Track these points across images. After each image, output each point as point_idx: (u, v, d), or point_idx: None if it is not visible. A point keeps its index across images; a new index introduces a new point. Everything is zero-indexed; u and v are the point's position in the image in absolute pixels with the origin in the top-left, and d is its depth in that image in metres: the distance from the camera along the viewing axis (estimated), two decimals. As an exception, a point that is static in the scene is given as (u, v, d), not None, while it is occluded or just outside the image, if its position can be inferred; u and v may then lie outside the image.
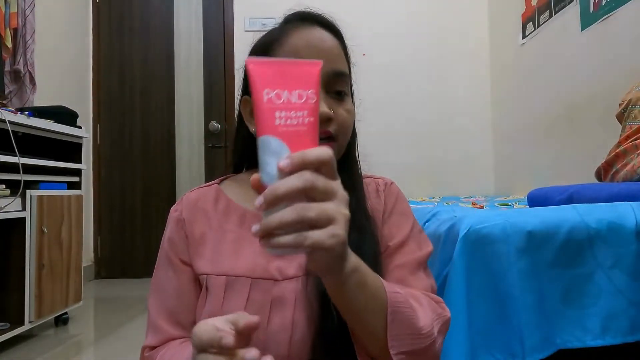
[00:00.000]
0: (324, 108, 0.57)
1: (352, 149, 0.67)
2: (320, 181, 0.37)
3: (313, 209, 0.37)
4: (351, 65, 0.66)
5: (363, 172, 0.68)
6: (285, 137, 0.38)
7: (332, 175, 0.39)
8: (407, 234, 0.64)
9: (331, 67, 0.59)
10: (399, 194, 0.69)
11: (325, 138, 0.58)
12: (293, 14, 0.64)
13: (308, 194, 0.37)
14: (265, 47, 0.63)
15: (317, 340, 0.56)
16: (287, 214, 0.36)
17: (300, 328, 0.58)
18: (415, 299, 0.55)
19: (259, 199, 0.37)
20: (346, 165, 0.65)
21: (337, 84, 0.61)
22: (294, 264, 0.60)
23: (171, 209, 0.68)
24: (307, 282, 0.59)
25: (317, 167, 0.38)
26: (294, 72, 0.40)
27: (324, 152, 0.38)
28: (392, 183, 0.70)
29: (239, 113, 0.68)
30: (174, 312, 0.63)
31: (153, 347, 0.63)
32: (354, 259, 0.46)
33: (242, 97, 0.67)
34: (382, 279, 0.52)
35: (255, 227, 0.38)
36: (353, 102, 0.66)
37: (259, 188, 0.38)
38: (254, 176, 0.39)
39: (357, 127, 0.68)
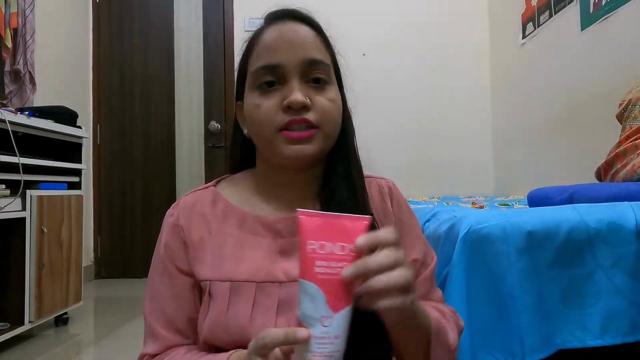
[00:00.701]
0: (299, 96, 0.57)
1: (350, 143, 0.66)
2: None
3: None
4: (337, 56, 0.66)
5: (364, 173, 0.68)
6: (323, 284, 0.42)
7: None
8: (422, 245, 0.67)
9: (304, 55, 0.59)
10: (403, 198, 0.69)
11: (306, 126, 0.58)
12: (270, 13, 0.65)
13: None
14: (247, 49, 0.64)
15: None
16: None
17: None
18: (444, 316, 0.60)
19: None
20: (345, 160, 0.64)
21: (313, 72, 0.60)
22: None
23: (167, 213, 0.66)
24: None
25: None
26: (341, 226, 0.44)
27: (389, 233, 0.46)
28: (393, 184, 0.70)
29: (235, 117, 0.68)
30: (172, 319, 0.62)
31: (153, 355, 0.62)
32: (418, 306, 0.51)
33: (236, 102, 0.67)
34: (427, 306, 0.57)
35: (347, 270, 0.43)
36: (343, 94, 0.66)
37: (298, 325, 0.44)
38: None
39: (357, 126, 0.67)
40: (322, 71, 0.61)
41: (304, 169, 0.63)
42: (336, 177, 0.63)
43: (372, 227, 0.60)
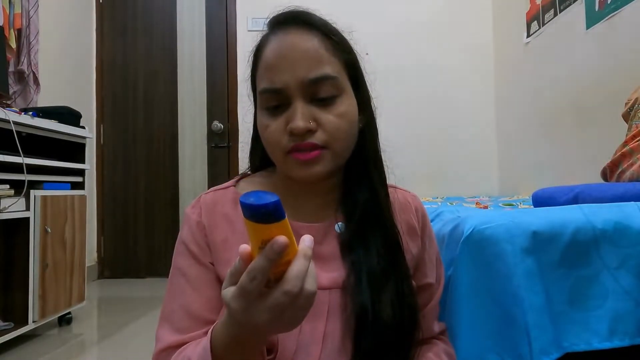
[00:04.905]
0: (300, 123, 0.55)
1: (371, 148, 0.64)
2: None
3: None
4: (355, 54, 0.63)
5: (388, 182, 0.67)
6: None
7: None
8: (439, 269, 0.70)
9: (305, 75, 0.56)
10: (429, 221, 0.71)
11: (310, 148, 0.56)
12: (271, 19, 0.62)
13: None
14: (254, 63, 0.63)
15: (355, 357, 0.56)
16: None
17: (332, 341, 0.57)
18: None
19: None
20: (366, 166, 0.63)
21: (318, 91, 0.57)
22: (327, 275, 0.59)
23: (187, 209, 0.65)
24: (345, 295, 0.58)
25: None
26: None
27: None
28: (420, 204, 0.71)
29: (255, 121, 0.68)
30: (196, 312, 0.59)
31: (174, 346, 0.59)
32: None
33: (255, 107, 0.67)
34: None
35: None
36: (364, 93, 0.64)
37: None
38: None
39: None
40: (328, 87, 0.57)
41: (321, 181, 0.62)
42: (357, 184, 0.63)
43: (395, 237, 0.62)
